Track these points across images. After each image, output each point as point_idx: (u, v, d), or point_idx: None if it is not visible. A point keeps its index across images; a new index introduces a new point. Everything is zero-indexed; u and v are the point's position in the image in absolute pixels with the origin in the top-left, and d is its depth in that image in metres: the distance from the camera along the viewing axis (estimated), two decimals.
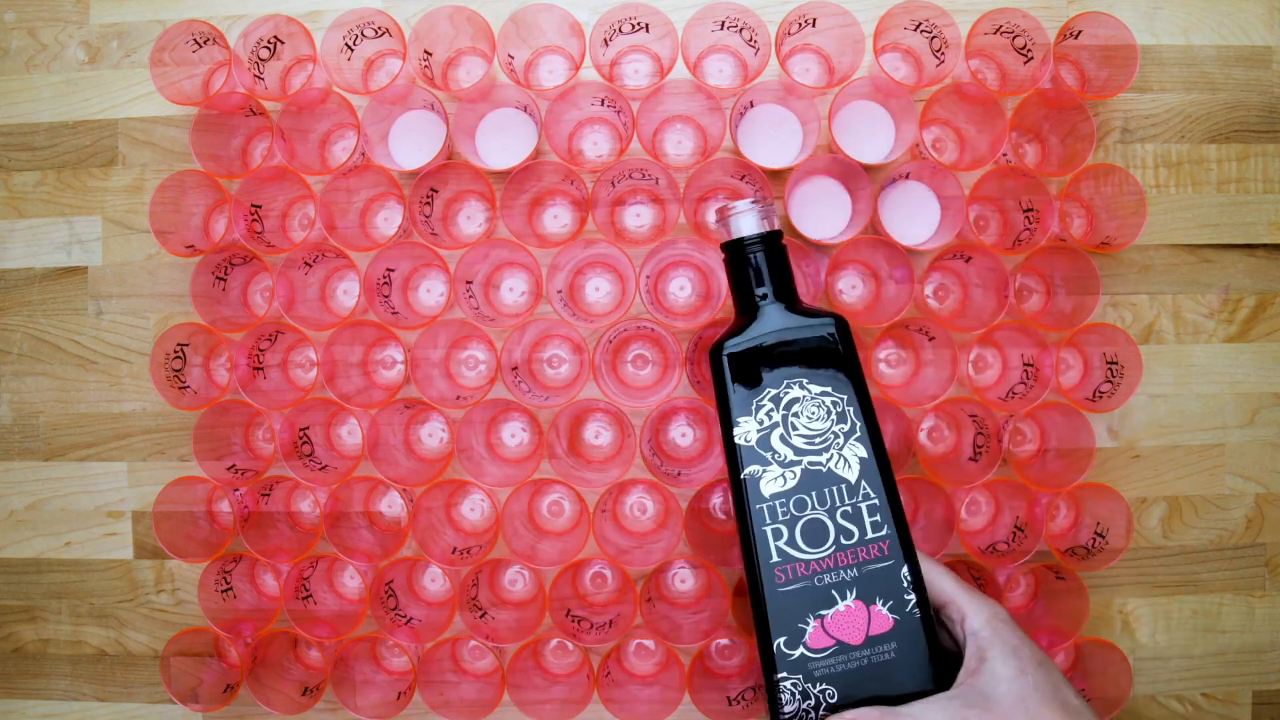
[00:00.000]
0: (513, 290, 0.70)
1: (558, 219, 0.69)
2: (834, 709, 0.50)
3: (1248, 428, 0.69)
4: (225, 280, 0.68)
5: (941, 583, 0.53)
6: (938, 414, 0.69)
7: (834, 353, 0.53)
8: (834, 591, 0.51)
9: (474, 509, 0.70)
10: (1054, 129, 0.68)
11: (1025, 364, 0.67)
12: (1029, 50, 0.65)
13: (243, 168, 0.69)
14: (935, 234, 0.68)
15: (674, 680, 0.65)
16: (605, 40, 0.65)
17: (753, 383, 0.53)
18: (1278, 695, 0.69)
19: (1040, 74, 0.65)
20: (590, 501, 0.65)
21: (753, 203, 0.55)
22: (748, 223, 0.55)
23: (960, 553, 0.66)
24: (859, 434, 0.52)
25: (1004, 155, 0.66)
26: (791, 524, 0.51)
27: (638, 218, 0.69)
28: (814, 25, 0.66)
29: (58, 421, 0.72)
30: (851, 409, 0.52)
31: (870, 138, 0.68)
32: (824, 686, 0.50)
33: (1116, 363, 0.65)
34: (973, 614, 0.51)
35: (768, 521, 0.52)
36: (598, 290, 0.69)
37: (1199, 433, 0.69)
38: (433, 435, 0.70)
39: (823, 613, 0.51)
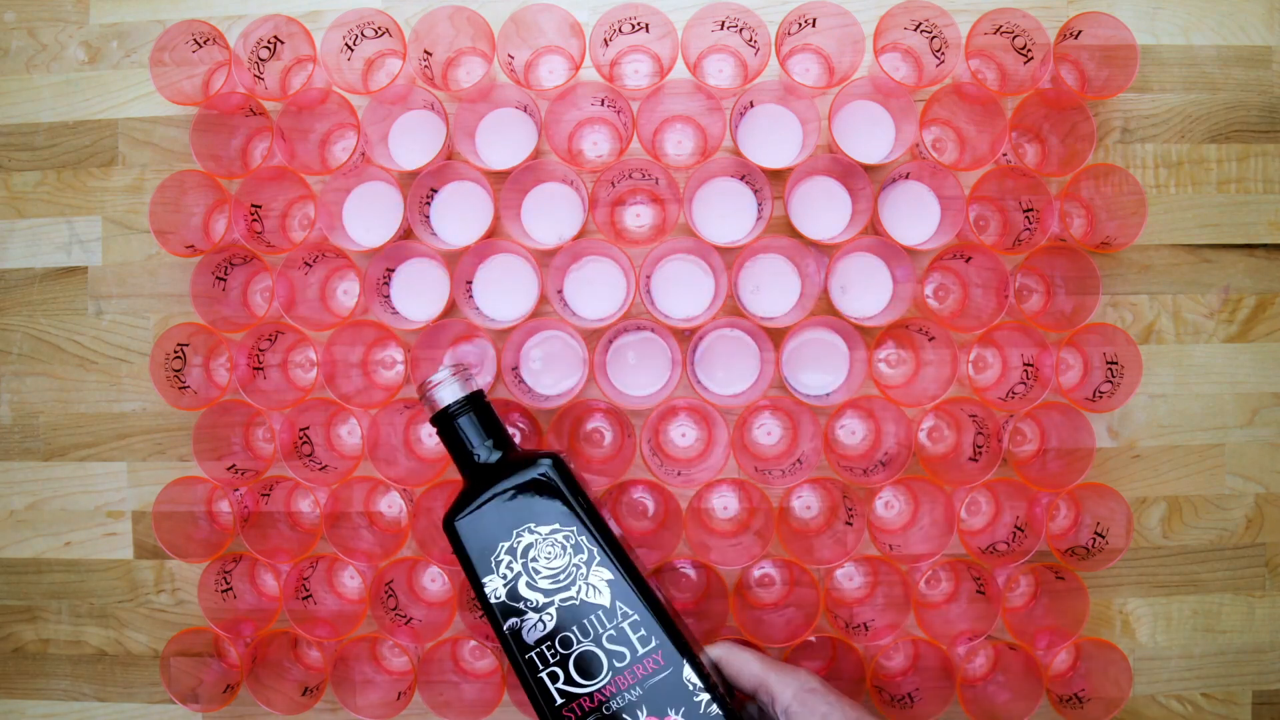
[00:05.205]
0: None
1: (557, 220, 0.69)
2: None
3: (1248, 428, 0.69)
4: (225, 280, 0.68)
5: (749, 668, 0.53)
6: (938, 414, 0.69)
7: (552, 490, 0.54)
8: (625, 716, 0.51)
9: None
10: (1054, 129, 0.68)
11: (1025, 364, 0.67)
12: (1029, 50, 0.65)
13: (243, 168, 0.69)
14: (935, 234, 0.68)
15: None
16: (605, 40, 0.65)
17: (487, 541, 0.53)
18: (1278, 695, 0.69)
19: (1040, 74, 0.65)
20: None
21: (448, 371, 0.56)
22: (446, 392, 0.56)
23: (960, 552, 0.66)
24: (598, 559, 0.53)
25: (1004, 155, 0.66)
26: (563, 663, 0.52)
27: (638, 218, 0.69)
28: (814, 25, 0.66)
29: (58, 421, 0.72)
30: (584, 538, 0.53)
31: (870, 138, 0.68)
32: None
33: (1116, 363, 0.65)
34: (780, 691, 0.52)
35: (540, 668, 0.52)
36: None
37: (1199, 433, 0.69)
38: (433, 435, 0.70)
39: None
